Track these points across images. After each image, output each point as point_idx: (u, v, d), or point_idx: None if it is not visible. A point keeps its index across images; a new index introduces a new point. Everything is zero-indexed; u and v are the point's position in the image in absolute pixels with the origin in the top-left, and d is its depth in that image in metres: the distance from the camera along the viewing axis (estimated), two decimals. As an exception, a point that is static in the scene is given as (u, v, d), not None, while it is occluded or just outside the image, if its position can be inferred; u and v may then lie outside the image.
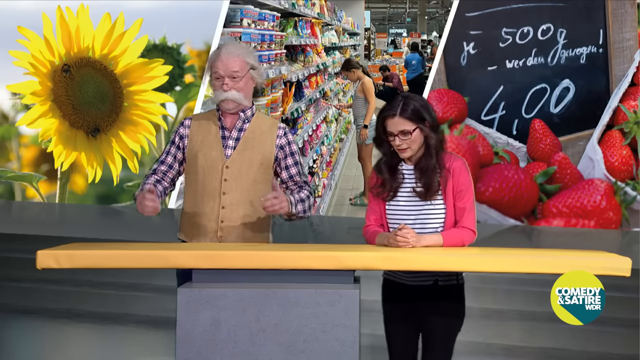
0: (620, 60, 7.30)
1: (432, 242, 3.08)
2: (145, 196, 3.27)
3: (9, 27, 7.30)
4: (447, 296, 3.17)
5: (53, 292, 6.40)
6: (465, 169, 3.16)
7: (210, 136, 3.46)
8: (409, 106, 3.11)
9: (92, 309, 6.16)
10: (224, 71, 3.40)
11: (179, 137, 3.50)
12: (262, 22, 7.44)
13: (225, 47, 3.46)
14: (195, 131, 3.48)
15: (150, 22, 7.32)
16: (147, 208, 3.27)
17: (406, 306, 3.20)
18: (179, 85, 7.66)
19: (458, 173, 3.14)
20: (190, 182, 3.47)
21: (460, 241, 3.12)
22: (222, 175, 3.41)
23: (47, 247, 2.99)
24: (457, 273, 3.19)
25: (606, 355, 5.28)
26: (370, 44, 16.39)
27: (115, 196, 7.93)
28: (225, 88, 3.40)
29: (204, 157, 3.43)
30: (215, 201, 3.41)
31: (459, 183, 3.13)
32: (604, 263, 2.86)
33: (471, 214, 3.14)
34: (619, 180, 7.05)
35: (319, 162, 9.27)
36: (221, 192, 3.40)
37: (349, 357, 2.84)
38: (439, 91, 7.31)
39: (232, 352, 2.85)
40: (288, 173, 3.51)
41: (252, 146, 3.44)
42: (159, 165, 3.52)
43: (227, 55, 3.41)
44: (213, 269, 2.94)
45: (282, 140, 3.49)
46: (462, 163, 3.17)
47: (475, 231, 3.15)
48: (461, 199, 3.13)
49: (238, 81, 3.41)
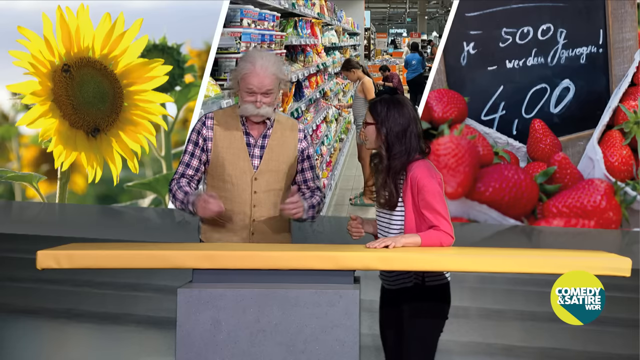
0: (620, 60, 7.30)
1: (410, 241, 3.07)
2: (208, 200, 3.31)
3: (9, 27, 7.30)
4: (427, 297, 3.16)
5: (53, 292, 6.40)
6: (423, 171, 3.11)
7: (236, 143, 3.45)
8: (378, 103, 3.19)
9: (92, 309, 6.16)
10: (258, 88, 3.37)
11: (203, 140, 3.47)
12: (262, 22, 7.44)
13: (259, 60, 3.39)
14: (220, 135, 3.46)
15: (150, 22, 7.32)
16: (211, 211, 3.33)
17: (391, 310, 3.24)
18: (179, 85, 7.66)
19: (414, 178, 3.11)
20: (215, 187, 3.46)
21: (438, 241, 3.09)
22: (252, 188, 3.44)
23: (47, 247, 2.99)
24: (439, 273, 3.18)
25: (606, 355, 5.28)
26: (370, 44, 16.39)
27: (115, 196, 7.93)
28: (259, 105, 3.38)
29: (232, 166, 3.44)
30: (246, 214, 3.45)
31: (418, 187, 3.10)
32: (604, 263, 2.86)
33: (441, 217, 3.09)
34: (619, 180, 7.05)
35: (319, 162, 9.27)
36: (252, 205, 3.44)
37: (349, 357, 2.84)
38: (439, 91, 7.31)
39: (232, 352, 2.85)
40: (303, 177, 3.56)
41: (277, 156, 3.47)
42: (185, 169, 3.50)
43: (263, 71, 3.37)
44: (213, 269, 2.94)
45: (302, 144, 3.53)
46: (419, 165, 3.13)
47: (450, 233, 3.11)
48: (420, 202, 3.10)
49: (270, 97, 3.41)
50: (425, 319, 3.17)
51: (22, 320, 5.93)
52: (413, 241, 3.08)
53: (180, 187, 3.46)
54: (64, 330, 5.87)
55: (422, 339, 3.16)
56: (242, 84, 3.40)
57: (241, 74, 3.40)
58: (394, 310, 3.22)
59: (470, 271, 2.98)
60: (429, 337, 3.18)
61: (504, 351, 5.36)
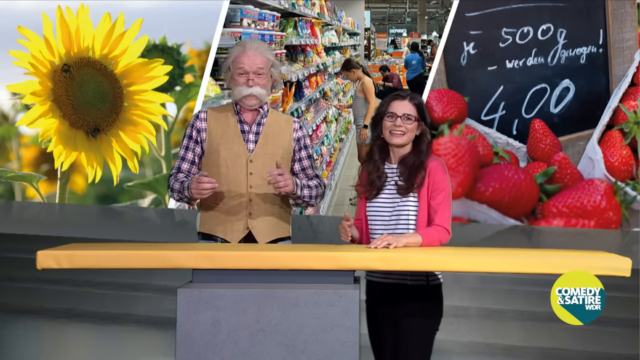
0: (620, 60, 7.29)
1: (412, 240, 3.09)
2: (200, 179, 3.31)
3: (9, 27, 7.29)
4: (421, 296, 3.18)
5: (53, 292, 6.41)
6: (443, 169, 3.21)
7: (230, 130, 3.48)
8: (418, 99, 3.23)
9: (92, 309, 6.16)
10: (249, 66, 3.42)
11: (197, 131, 3.51)
12: (262, 22, 7.44)
13: (249, 43, 3.49)
14: (214, 124, 3.49)
15: (150, 22, 7.31)
16: (205, 189, 3.32)
17: (384, 307, 3.23)
18: (179, 85, 7.65)
19: (434, 172, 3.18)
20: (211, 175, 3.46)
21: (438, 239, 3.15)
22: (247, 170, 3.44)
23: (47, 247, 2.99)
24: (434, 273, 3.20)
25: (606, 355, 5.28)
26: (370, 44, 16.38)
27: (115, 196, 7.93)
28: (251, 83, 3.42)
29: (227, 150, 3.46)
30: (244, 195, 3.45)
31: (435, 182, 3.17)
32: (604, 263, 2.86)
33: (445, 213, 3.17)
34: (619, 180, 7.05)
35: (319, 162, 9.27)
36: (248, 186, 3.45)
37: (349, 357, 2.84)
38: (439, 91, 7.31)
39: (232, 352, 2.85)
40: (301, 165, 3.57)
41: (272, 140, 3.49)
42: (181, 163, 3.53)
43: (253, 51, 3.44)
44: (213, 269, 2.94)
45: (298, 133, 3.56)
46: (439, 163, 3.22)
47: (450, 231, 3.18)
48: (435, 197, 3.17)
49: (262, 78, 3.44)
50: (423, 319, 3.18)
51: (22, 320, 5.93)
52: (415, 241, 3.10)
53: (177, 180, 3.47)
54: (64, 330, 5.87)
55: (425, 338, 3.18)
56: (234, 67, 3.45)
57: (232, 57, 3.47)
58: (385, 306, 3.21)
59: (470, 271, 2.98)
60: (431, 336, 3.20)
61: (504, 351, 5.36)
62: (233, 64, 3.45)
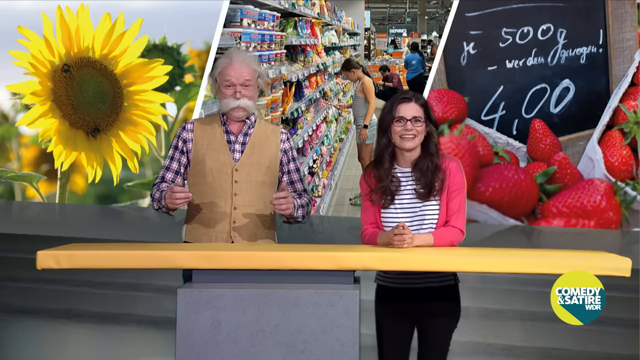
0: (620, 60, 7.29)
1: (423, 242, 3.11)
2: (173, 188, 3.31)
3: (9, 27, 7.30)
4: (442, 297, 3.18)
5: (53, 292, 6.40)
6: (460, 170, 3.22)
7: (216, 140, 3.48)
8: (422, 99, 3.22)
9: (92, 309, 6.16)
10: (236, 79, 3.43)
11: (182, 142, 3.52)
12: (262, 22, 7.44)
13: (235, 55, 3.48)
14: (200, 135, 3.50)
15: (150, 22, 7.32)
16: (178, 199, 3.31)
17: (400, 307, 3.21)
18: (179, 85, 7.66)
19: (454, 173, 3.19)
20: (197, 184, 3.47)
21: (450, 241, 3.16)
22: (232, 178, 3.44)
23: (47, 247, 2.99)
24: (452, 273, 3.20)
25: (606, 355, 5.28)
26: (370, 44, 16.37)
27: (115, 196, 7.93)
28: (238, 96, 3.43)
29: (212, 160, 3.46)
30: (227, 202, 3.44)
31: (454, 183, 3.18)
32: (604, 263, 2.86)
33: (461, 214, 3.19)
34: (619, 180, 7.05)
35: (319, 162, 9.27)
36: (232, 194, 3.44)
37: (349, 357, 2.84)
38: (439, 91, 7.31)
39: (232, 352, 2.85)
40: (289, 178, 3.57)
41: (259, 150, 3.48)
42: (165, 172, 3.53)
43: (240, 63, 3.44)
44: (213, 270, 2.94)
45: (285, 144, 3.55)
46: (457, 164, 3.22)
47: (464, 231, 3.19)
48: (454, 199, 3.17)
49: (249, 89, 3.45)
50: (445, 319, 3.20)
51: (22, 320, 5.93)
52: (426, 242, 3.12)
53: (158, 189, 3.47)
54: (64, 330, 5.87)
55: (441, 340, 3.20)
56: (221, 79, 3.46)
57: (219, 69, 3.47)
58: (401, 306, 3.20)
59: (470, 271, 2.98)
60: (448, 337, 3.22)
61: (504, 351, 5.36)
62: (220, 76, 3.46)
